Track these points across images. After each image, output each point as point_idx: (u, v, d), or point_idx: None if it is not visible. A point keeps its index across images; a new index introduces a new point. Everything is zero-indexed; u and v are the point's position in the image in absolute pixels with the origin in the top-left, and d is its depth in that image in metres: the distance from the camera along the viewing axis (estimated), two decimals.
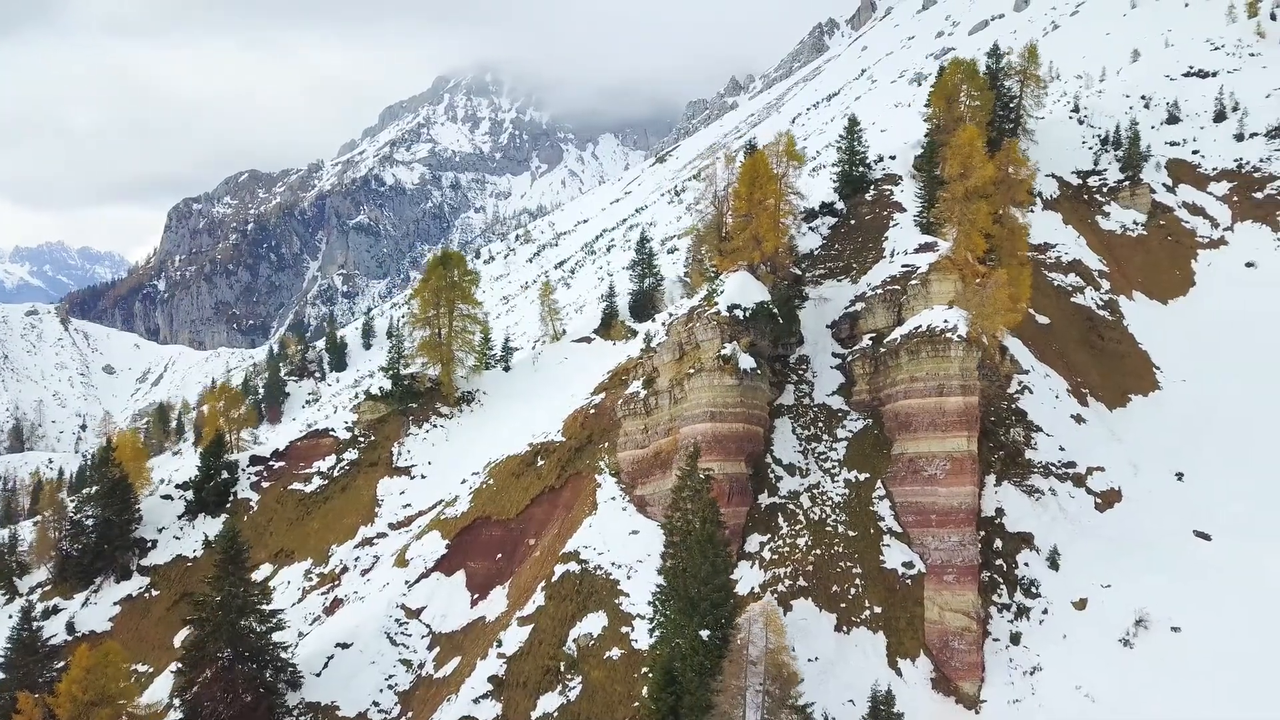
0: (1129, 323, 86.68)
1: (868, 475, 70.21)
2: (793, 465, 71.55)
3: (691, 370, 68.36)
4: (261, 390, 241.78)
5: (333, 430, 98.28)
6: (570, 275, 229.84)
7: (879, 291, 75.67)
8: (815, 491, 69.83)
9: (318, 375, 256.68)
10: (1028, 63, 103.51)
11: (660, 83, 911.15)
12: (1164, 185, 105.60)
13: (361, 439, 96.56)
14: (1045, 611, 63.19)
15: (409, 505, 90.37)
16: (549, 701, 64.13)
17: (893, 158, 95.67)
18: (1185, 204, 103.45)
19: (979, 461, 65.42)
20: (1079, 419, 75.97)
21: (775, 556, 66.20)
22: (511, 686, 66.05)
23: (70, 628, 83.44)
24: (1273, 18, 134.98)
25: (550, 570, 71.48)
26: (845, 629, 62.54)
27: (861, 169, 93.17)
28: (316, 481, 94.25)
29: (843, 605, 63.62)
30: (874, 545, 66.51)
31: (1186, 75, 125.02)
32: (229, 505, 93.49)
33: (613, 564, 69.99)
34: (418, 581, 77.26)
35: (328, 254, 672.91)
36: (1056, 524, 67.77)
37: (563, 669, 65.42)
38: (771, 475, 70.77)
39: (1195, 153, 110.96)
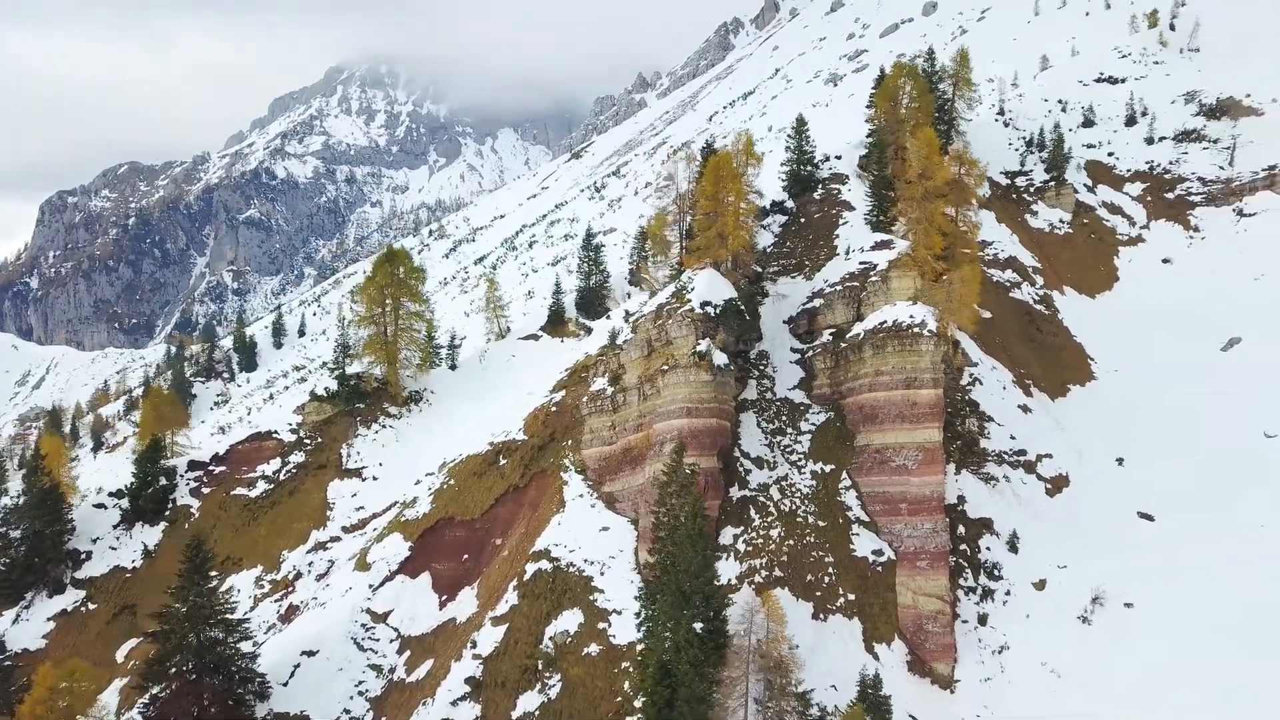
0: (1063, 316, 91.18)
1: (833, 467, 72.09)
2: (760, 458, 72.87)
3: (666, 366, 68.92)
4: (166, 392, 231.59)
5: (276, 433, 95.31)
6: (492, 271, 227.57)
7: (838, 288, 77.60)
8: (784, 484, 71.32)
9: (226, 376, 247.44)
10: (959, 67, 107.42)
11: (560, 77, 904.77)
12: (1085, 185, 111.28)
13: (308, 441, 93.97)
14: (1008, 593, 66.25)
15: (362, 508, 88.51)
16: (529, 701, 63.89)
17: (838, 157, 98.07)
18: (1105, 203, 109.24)
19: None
20: (1025, 409, 79.62)
21: (750, 548, 67.35)
22: (490, 687, 65.57)
23: (0, 646, 78.81)
24: (1171, 28, 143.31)
25: (521, 569, 71.14)
26: (822, 616, 64.18)
27: (809, 168, 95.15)
28: (261, 486, 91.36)
29: (818, 594, 65.27)
30: (844, 534, 68.41)
31: (1098, 81, 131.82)
32: (168, 513, 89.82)
33: (585, 561, 70.02)
34: (382, 585, 75.81)
35: (216, 249, 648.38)
36: (1012, 509, 71.05)
37: (541, 667, 65.21)
38: (740, 469, 71.93)
39: (1110, 155, 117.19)
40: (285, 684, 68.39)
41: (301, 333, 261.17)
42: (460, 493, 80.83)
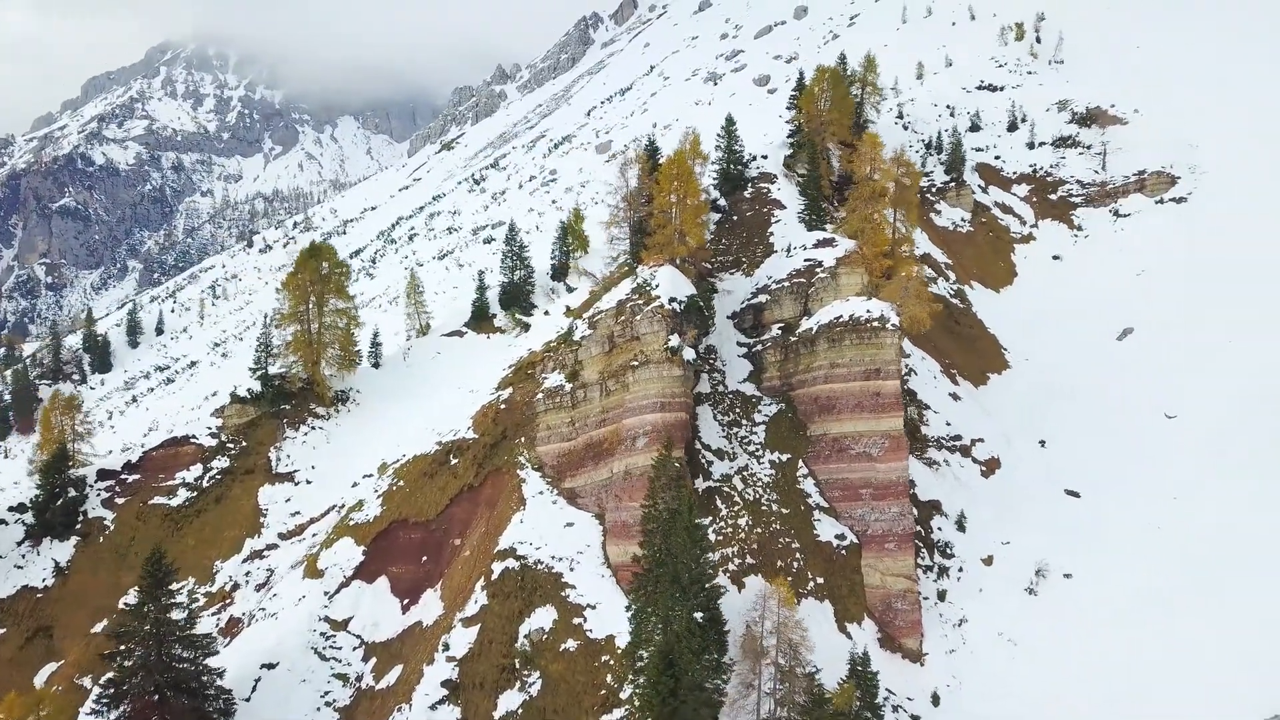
0: (976, 309, 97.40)
1: (789, 456, 74.88)
2: (720, 450, 74.87)
3: (636, 362, 69.72)
4: (8, 397, 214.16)
5: (194, 437, 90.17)
6: (372, 265, 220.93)
7: (785, 284, 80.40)
8: (745, 474, 73.57)
9: (76, 378, 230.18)
10: (867, 72, 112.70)
11: (406, 65, 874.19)
12: (979, 186, 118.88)
13: (231, 445, 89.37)
14: (961, 570, 70.84)
15: (298, 513, 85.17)
16: (510, 700, 63.73)
17: (764, 157, 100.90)
18: (998, 204, 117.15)
19: None
20: (955, 397, 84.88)
21: (720, 537, 69.17)
22: (468, 689, 64.97)
23: None
24: (1037, 40, 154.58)
25: (487, 568, 70.57)
26: (796, 600, 66.68)
27: (739, 168, 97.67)
28: (183, 494, 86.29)
29: (788, 579, 67.72)
30: (806, 521, 71.27)
31: (979, 89, 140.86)
32: (79, 526, 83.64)
33: (552, 557, 70.14)
34: (338, 591, 73.42)
35: (26, 241, 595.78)
36: (955, 491, 75.83)
37: (519, 666, 65.12)
38: (703, 460, 73.68)
39: (997, 158, 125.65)
40: (249, 699, 65.42)
41: (160, 330, 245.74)
42: (412, 494, 79.07)
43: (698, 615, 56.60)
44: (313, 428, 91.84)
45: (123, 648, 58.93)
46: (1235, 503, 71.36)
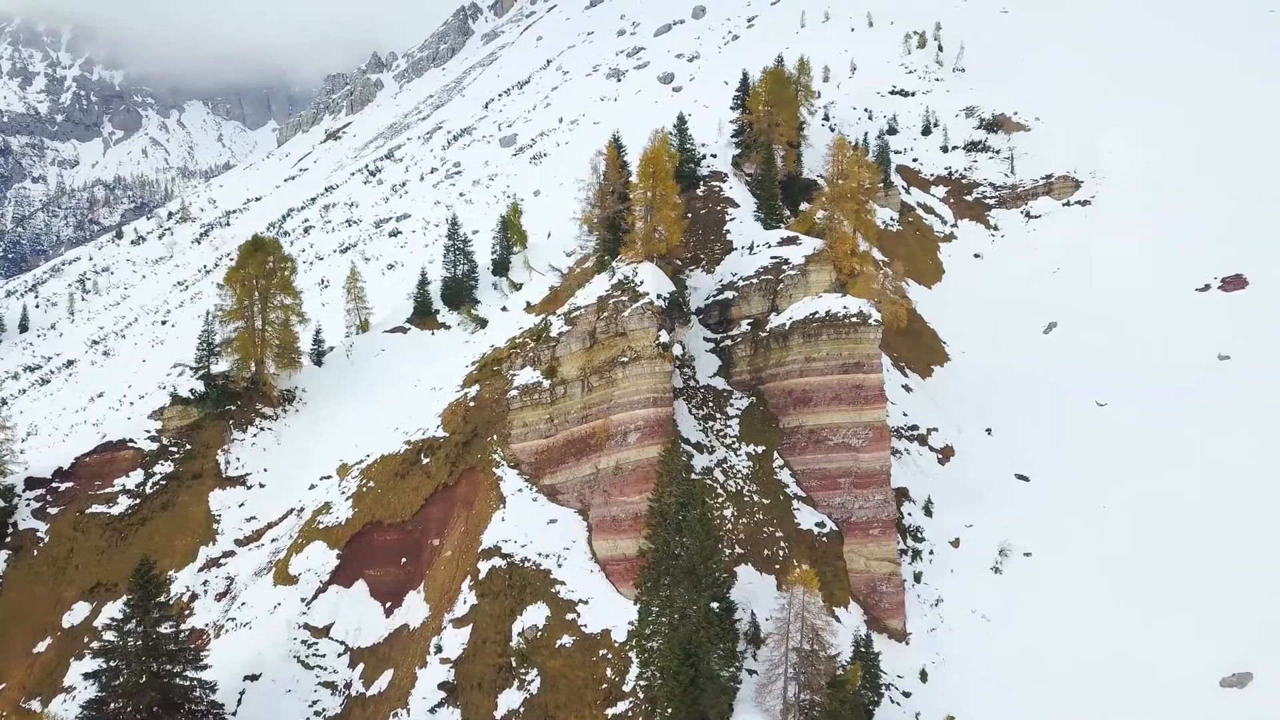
0: (915, 305, 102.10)
1: (764, 448, 76.97)
2: (700, 444, 76.22)
3: (625, 358, 70.16)
4: None
5: (132, 441, 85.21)
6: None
7: (753, 281, 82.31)
8: (724, 466, 75.20)
9: None
10: (801, 74, 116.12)
11: (260, 49, 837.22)
12: (903, 187, 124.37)
13: (174, 449, 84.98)
14: (932, 552, 74.63)
15: (254, 518, 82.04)
16: (510, 699, 63.55)
17: (714, 155, 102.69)
18: (920, 204, 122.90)
19: None
20: (907, 388, 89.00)
21: None
22: (466, 690, 64.44)
23: None
24: (940, 49, 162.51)
25: (474, 568, 69.91)
26: (785, 587, 68.68)
27: (692, 165, 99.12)
28: (124, 501, 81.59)
29: (776, 567, 69.84)
30: (786, 510, 73.51)
31: (892, 93, 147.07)
32: (9, 539, 78.02)
33: (539, 554, 70.06)
34: (316, 597, 71.31)
35: None
36: (918, 479, 79.72)
37: (516, 664, 64.98)
38: (684, 454, 74.90)
39: (915, 160, 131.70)
40: (234, 712, 62.95)
41: (24, 327, 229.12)
42: (384, 495, 77.24)
43: (714, 605, 57.92)
44: (261, 429, 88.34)
45: (109, 665, 55.59)
46: (1168, 481, 77.69)
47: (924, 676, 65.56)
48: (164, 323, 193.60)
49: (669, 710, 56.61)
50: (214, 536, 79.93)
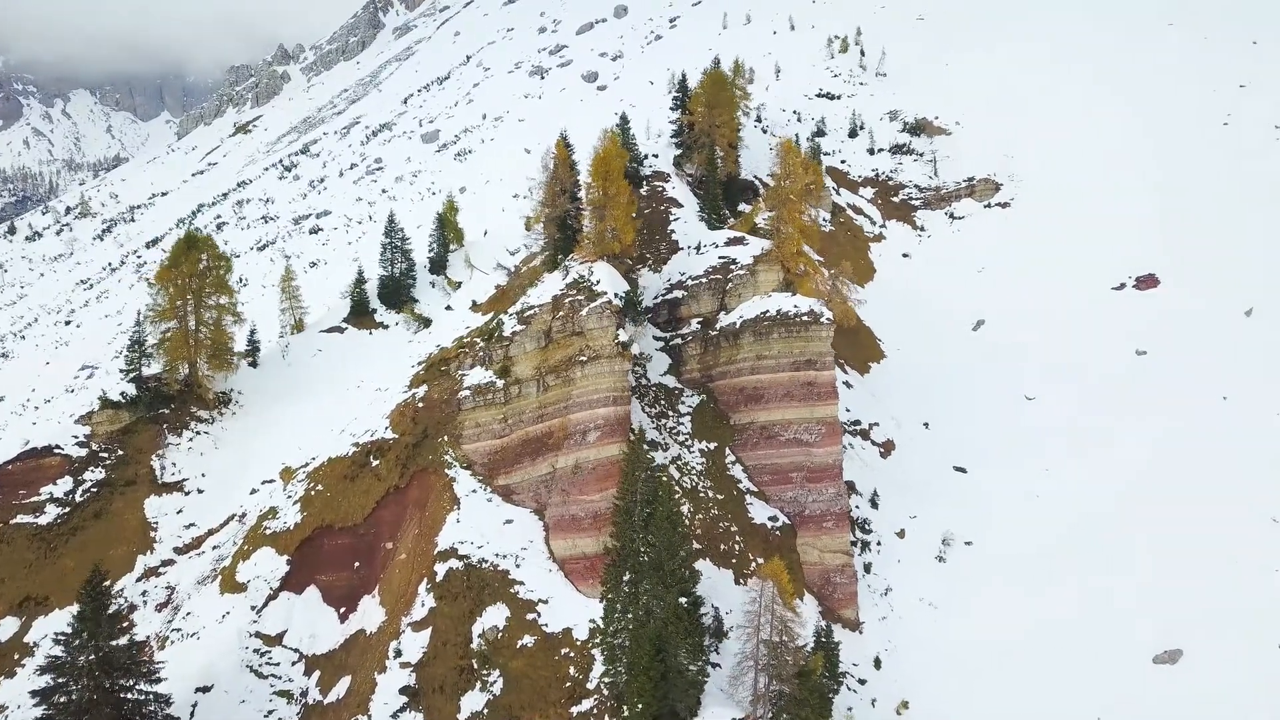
0: (861, 304, 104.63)
1: (716, 444, 78.28)
2: (654, 441, 77.00)
3: (584, 357, 70.42)
4: None
5: (58, 447, 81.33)
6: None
7: (702, 280, 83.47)
8: (679, 463, 76.18)
9: None
10: (736, 77, 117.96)
11: (152, 37, 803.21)
12: (833, 188, 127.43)
13: (105, 454, 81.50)
14: (879, 543, 77.00)
15: (193, 525, 79.39)
16: (473, 700, 63.37)
17: (655, 156, 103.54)
18: (850, 205, 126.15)
19: None
20: (848, 385, 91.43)
21: None
22: (429, 694, 63.97)
23: None
24: (862, 54, 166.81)
25: (430, 570, 69.35)
26: (742, 581, 70.07)
27: (635, 165, 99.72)
28: (53, 510, 77.83)
29: (733, 561, 71.23)
30: (740, 505, 74.94)
31: (819, 96, 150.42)
32: None
33: (496, 555, 69.88)
34: (266, 605, 69.59)
35: None
36: (863, 472, 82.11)
37: (477, 666, 64.75)
38: (627, 451, 75.51)
39: (843, 162, 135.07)
40: None
41: None
42: (334, 498, 75.72)
43: (682, 600, 58.72)
44: (197, 432, 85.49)
45: (56, 682, 53.22)
46: (1095, 470, 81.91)
47: (878, 664, 67.73)
48: (68, 323, 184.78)
49: (639, 706, 57.13)
50: (151, 545, 77.05)
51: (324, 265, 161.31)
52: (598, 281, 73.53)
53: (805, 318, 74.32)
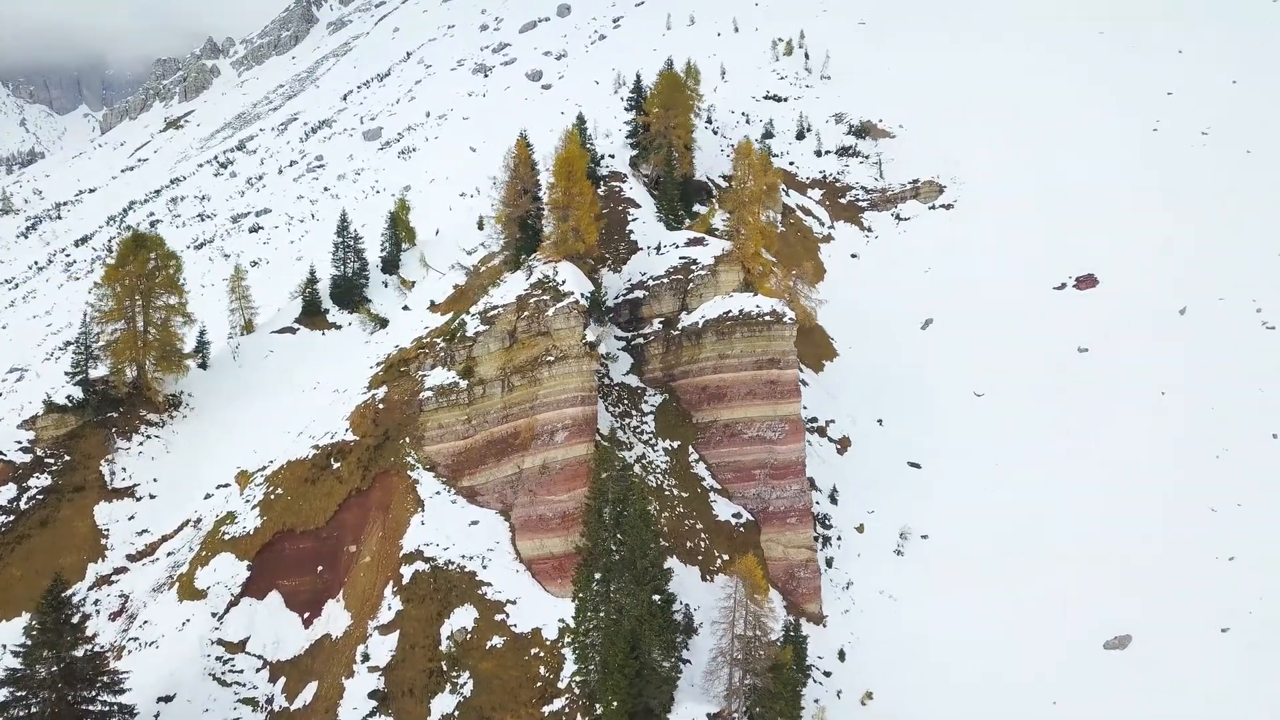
0: (822, 304, 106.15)
1: (679, 443, 79.11)
2: (618, 440, 77.53)
3: (551, 357, 70.54)
4: None
5: (1, 453, 78.64)
6: (109, 255, 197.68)
7: (664, 280, 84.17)
8: (644, 462, 76.79)
9: None
10: (689, 78, 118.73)
11: (69, 28, 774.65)
12: (782, 189, 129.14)
13: (51, 460, 78.96)
14: (840, 538, 78.63)
15: (146, 531, 77.59)
16: (444, 703, 63.28)
17: (612, 156, 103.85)
18: (800, 206, 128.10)
19: None
20: (804, 382, 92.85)
21: None
22: (398, 697, 63.64)
23: None
24: (807, 57, 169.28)
25: (396, 573, 68.93)
26: (709, 578, 71.11)
27: (592, 165, 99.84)
28: None
29: (699, 557, 72.12)
30: (704, 502, 75.90)
31: (766, 98, 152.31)
32: None
33: (463, 557, 69.75)
34: (227, 611, 68.35)
35: None
36: (821, 468, 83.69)
37: (446, 668, 64.63)
38: (598, 451, 75.96)
39: (791, 164, 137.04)
40: None
41: None
42: (294, 502, 74.57)
43: (656, 598, 59.36)
44: (148, 436, 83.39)
45: (16, 695, 51.67)
46: (1043, 463, 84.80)
47: (842, 656, 69.20)
48: None
49: (614, 704, 57.63)
50: (103, 552, 75.04)
51: (266, 264, 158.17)
52: (563, 281, 73.69)
53: (768, 317, 75.52)
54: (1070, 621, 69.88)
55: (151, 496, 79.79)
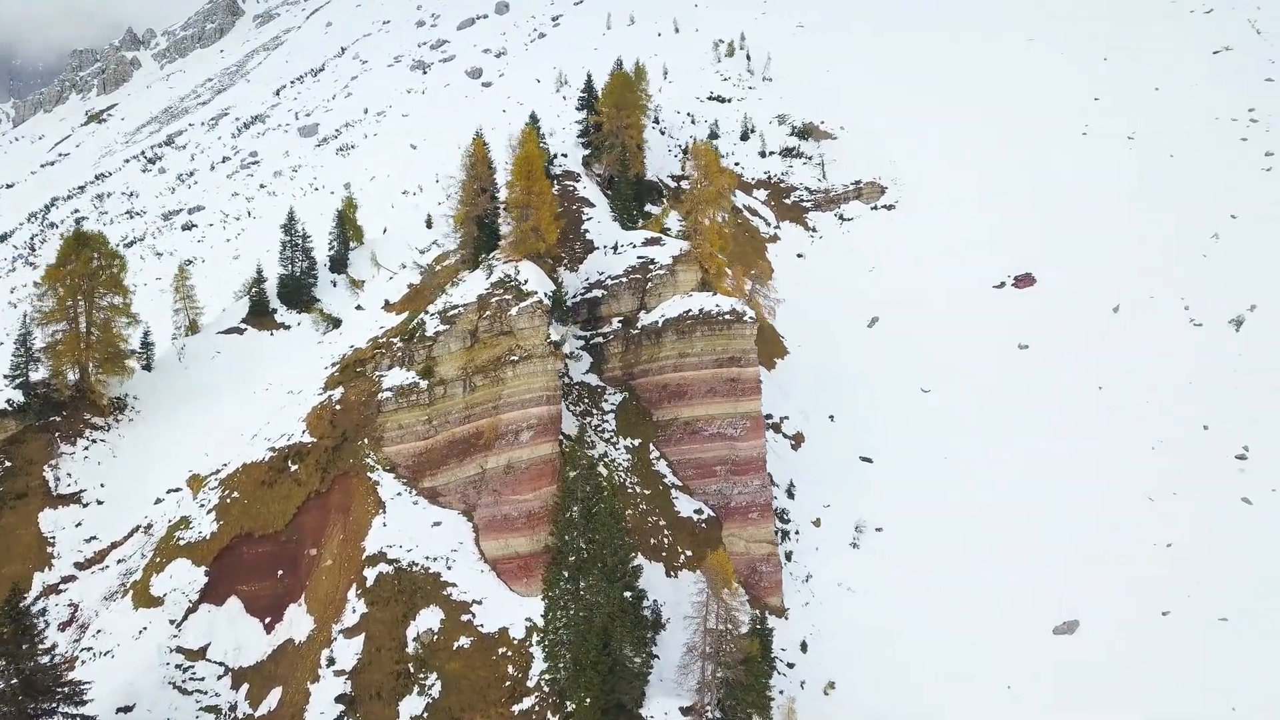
0: (781, 304, 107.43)
1: (640, 440, 79.83)
2: (580, 439, 77.92)
3: (515, 357, 70.56)
4: None
5: None
6: (31, 253, 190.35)
7: (623, 279, 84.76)
8: (606, 460, 77.29)
9: None
10: (638, 79, 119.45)
11: None
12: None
13: None
14: (798, 532, 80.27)
15: (94, 539, 75.52)
16: (412, 705, 63.24)
17: (564, 155, 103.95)
18: (746, 207, 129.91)
19: None
20: (758, 380, 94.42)
21: None
22: (365, 701, 63.42)
23: None
24: (748, 58, 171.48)
25: (359, 575, 68.50)
26: (673, 574, 72.02)
27: (546, 164, 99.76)
28: None
29: (664, 554, 72.95)
30: (666, 499, 76.76)
31: (711, 99, 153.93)
32: None
33: (427, 558, 69.59)
34: (186, 618, 67.01)
35: None
36: (777, 464, 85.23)
37: (414, 670, 64.53)
38: (565, 449, 76.33)
39: (737, 164, 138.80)
40: None
41: None
42: (251, 505, 73.28)
43: (627, 595, 60.05)
44: (93, 440, 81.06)
45: None
46: (989, 455, 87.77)
47: (804, 647, 70.76)
48: None
49: (587, 700, 58.19)
50: (49, 561, 72.76)
51: (202, 263, 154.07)
52: (525, 281, 73.77)
53: (728, 316, 76.69)
54: (1021, 608, 72.53)
55: (99, 502, 77.60)
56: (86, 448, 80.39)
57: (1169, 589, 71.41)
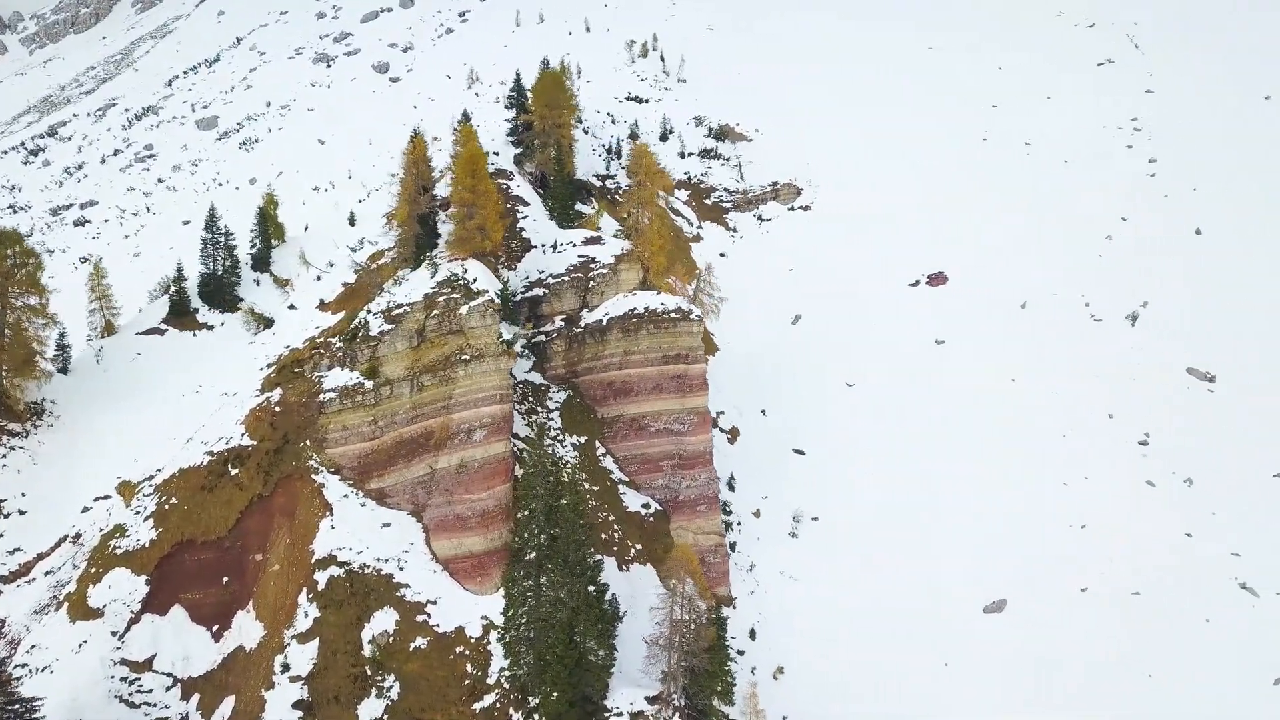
0: (706, 299, 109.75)
1: (586, 437, 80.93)
2: (528, 437, 78.48)
3: (466, 356, 70.60)
4: None
5: None
6: None
7: (565, 278, 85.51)
8: (557, 457, 78.05)
9: None
10: (565, 79, 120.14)
11: None
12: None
13: None
14: (740, 523, 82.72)
15: (19, 550, 72.34)
16: (371, 708, 63.21)
17: (496, 154, 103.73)
18: (670, 207, 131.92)
19: None
20: None
21: None
22: (323, 705, 62.95)
23: None
24: (662, 59, 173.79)
25: (309, 579, 67.66)
26: (625, 568, 73.42)
27: None
28: None
29: (615, 549, 74.27)
30: (614, 494, 78.11)
31: (629, 99, 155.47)
32: None
33: (378, 559, 69.28)
34: (129, 630, 64.92)
35: None
36: (717, 457, 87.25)
37: (371, 672, 64.31)
38: (515, 447, 76.81)
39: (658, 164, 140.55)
40: None
41: None
42: (192, 511, 71.25)
43: (591, 589, 61.06)
44: (11, 448, 77.41)
45: None
46: (912, 446, 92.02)
47: (753, 635, 73.21)
48: None
49: (554, 695, 59.06)
50: None
51: (100, 261, 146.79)
52: (474, 280, 73.78)
53: (674, 314, 78.43)
54: (952, 590, 76.64)
55: (21, 512, 74.17)
56: (4, 455, 76.68)
57: (1086, 567, 76.63)
